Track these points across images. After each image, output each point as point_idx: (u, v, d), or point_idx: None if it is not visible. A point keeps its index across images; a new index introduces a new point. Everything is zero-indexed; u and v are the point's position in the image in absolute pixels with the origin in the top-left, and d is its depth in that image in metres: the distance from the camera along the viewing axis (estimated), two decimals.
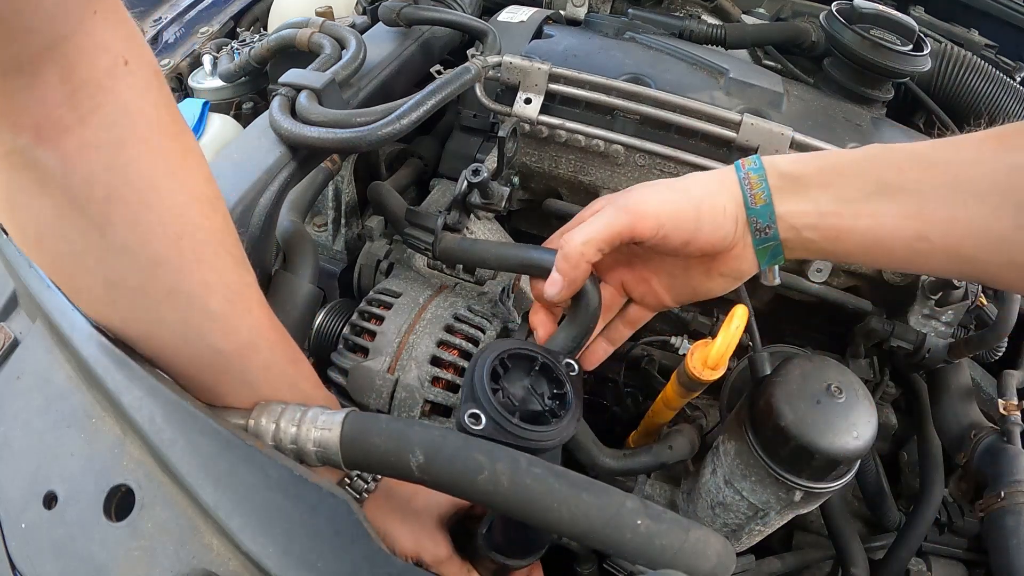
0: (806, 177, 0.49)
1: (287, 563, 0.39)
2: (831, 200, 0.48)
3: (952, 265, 0.47)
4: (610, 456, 0.62)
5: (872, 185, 0.47)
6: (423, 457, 0.42)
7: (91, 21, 0.36)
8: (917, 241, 0.45)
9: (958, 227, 0.44)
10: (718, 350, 0.53)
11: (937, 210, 0.44)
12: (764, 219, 0.49)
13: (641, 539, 0.42)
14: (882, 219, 0.46)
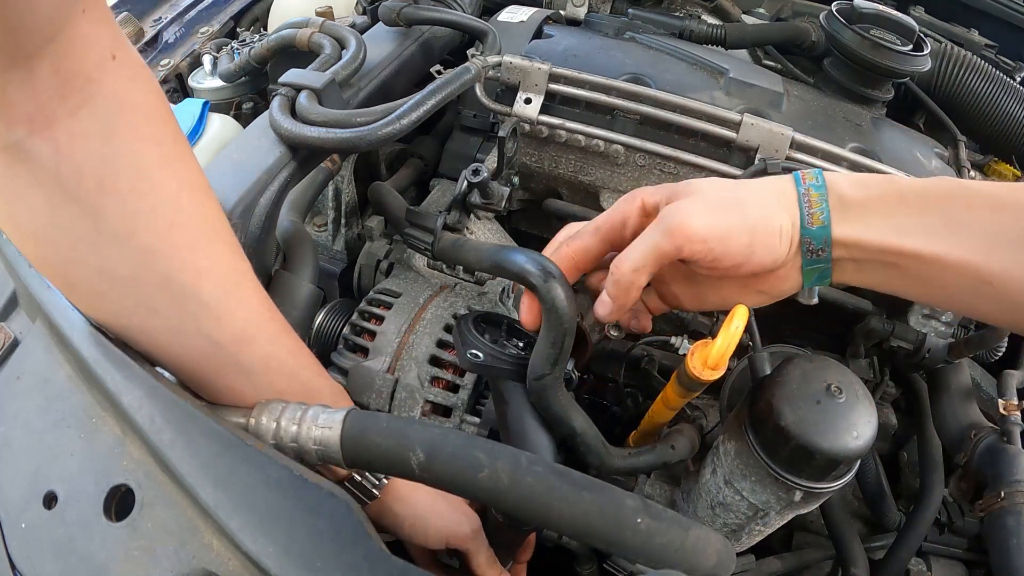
0: (869, 202, 0.46)
1: (287, 563, 0.39)
2: (893, 230, 0.45)
3: (1009, 315, 0.45)
4: (617, 456, 0.62)
5: (939, 220, 0.44)
6: (424, 455, 0.42)
7: (80, 18, 0.37)
8: (980, 285, 0.43)
9: (1021, 273, 0.42)
10: (718, 350, 0.53)
11: (1005, 256, 0.42)
12: (818, 241, 0.47)
13: (641, 538, 0.42)
14: (946, 257, 0.44)
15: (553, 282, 0.54)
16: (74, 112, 0.38)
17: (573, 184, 0.89)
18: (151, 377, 0.45)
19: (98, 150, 0.40)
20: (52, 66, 0.37)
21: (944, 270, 0.44)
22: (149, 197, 0.42)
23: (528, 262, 0.56)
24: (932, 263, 0.44)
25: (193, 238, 0.45)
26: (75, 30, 0.37)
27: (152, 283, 0.44)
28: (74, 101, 0.38)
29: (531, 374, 0.57)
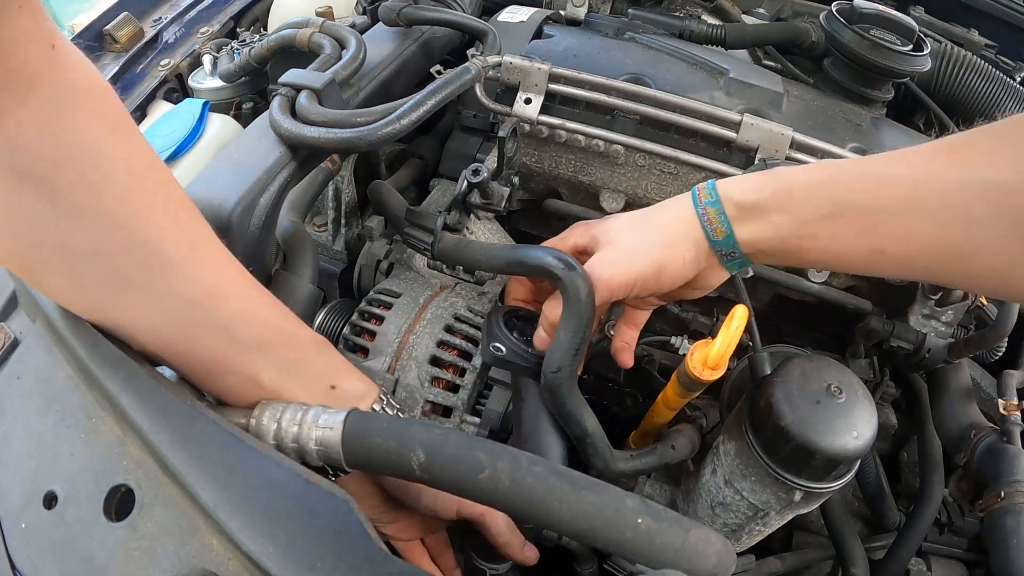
0: (763, 202, 0.52)
1: (287, 563, 0.38)
2: (789, 222, 0.51)
3: (905, 272, 0.51)
4: (620, 459, 0.62)
5: (826, 205, 0.49)
6: (424, 456, 0.42)
7: (19, 15, 0.38)
8: (873, 255, 0.49)
9: (912, 242, 0.47)
10: (718, 350, 0.53)
11: (890, 227, 0.47)
12: (727, 247, 0.54)
13: (642, 538, 0.42)
14: (839, 238, 0.49)
15: (575, 273, 0.55)
16: (20, 102, 0.39)
17: (573, 184, 0.89)
18: (151, 377, 0.45)
19: (49, 131, 0.41)
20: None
21: (842, 249, 0.50)
22: (102, 166, 0.43)
23: (549, 256, 0.57)
24: (829, 242, 0.50)
25: (150, 200, 0.45)
26: (15, 27, 0.38)
27: (117, 251, 0.44)
28: (20, 93, 0.39)
29: (548, 367, 0.56)
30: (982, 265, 0.45)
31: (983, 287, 0.50)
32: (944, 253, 0.46)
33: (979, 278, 0.47)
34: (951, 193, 0.45)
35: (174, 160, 0.86)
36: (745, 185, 0.53)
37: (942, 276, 0.49)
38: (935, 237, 0.46)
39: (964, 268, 0.46)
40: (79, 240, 0.43)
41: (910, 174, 0.47)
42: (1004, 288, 0.47)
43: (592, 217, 0.88)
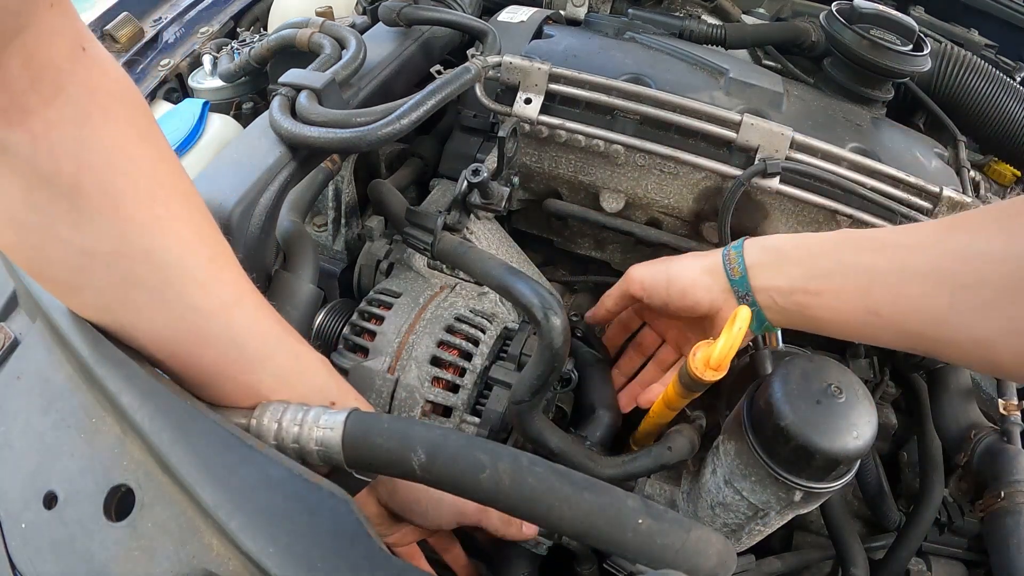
0: (783, 253, 0.57)
1: (287, 563, 0.38)
2: (800, 276, 0.55)
3: (901, 339, 0.52)
4: (608, 465, 0.62)
5: (834, 264, 0.53)
6: (425, 456, 0.42)
7: (48, 12, 0.38)
8: (869, 316, 0.51)
9: (903, 304, 0.49)
10: (721, 351, 0.53)
11: (884, 289, 0.50)
12: (742, 288, 0.58)
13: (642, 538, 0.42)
14: (839, 296, 0.52)
15: (553, 320, 0.57)
16: (48, 102, 0.39)
17: (573, 184, 0.89)
18: (151, 377, 0.45)
19: (74, 134, 0.40)
20: (23, 60, 0.37)
21: (841, 305, 0.53)
22: (128, 172, 0.43)
23: (533, 295, 0.59)
24: (830, 299, 0.53)
25: (174, 210, 0.45)
26: (44, 24, 0.38)
27: (135, 256, 0.44)
28: (47, 92, 0.39)
29: (512, 398, 0.62)
30: (966, 333, 0.47)
31: (969, 358, 0.50)
32: (931, 318, 0.48)
33: (964, 347, 0.48)
34: (940, 259, 0.48)
35: None
36: (767, 244, 0.59)
37: (934, 345, 0.50)
38: (923, 302, 0.48)
39: (950, 336, 0.48)
40: (97, 243, 0.43)
41: (907, 241, 0.50)
42: (988, 359, 0.48)
43: (592, 217, 0.88)
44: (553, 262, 1.02)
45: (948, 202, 0.77)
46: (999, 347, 0.46)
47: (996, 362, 0.47)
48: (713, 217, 0.85)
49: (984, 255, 0.45)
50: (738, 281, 0.58)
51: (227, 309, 0.47)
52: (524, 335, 0.71)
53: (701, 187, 0.83)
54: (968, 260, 0.46)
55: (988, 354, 0.47)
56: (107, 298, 0.46)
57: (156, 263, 0.44)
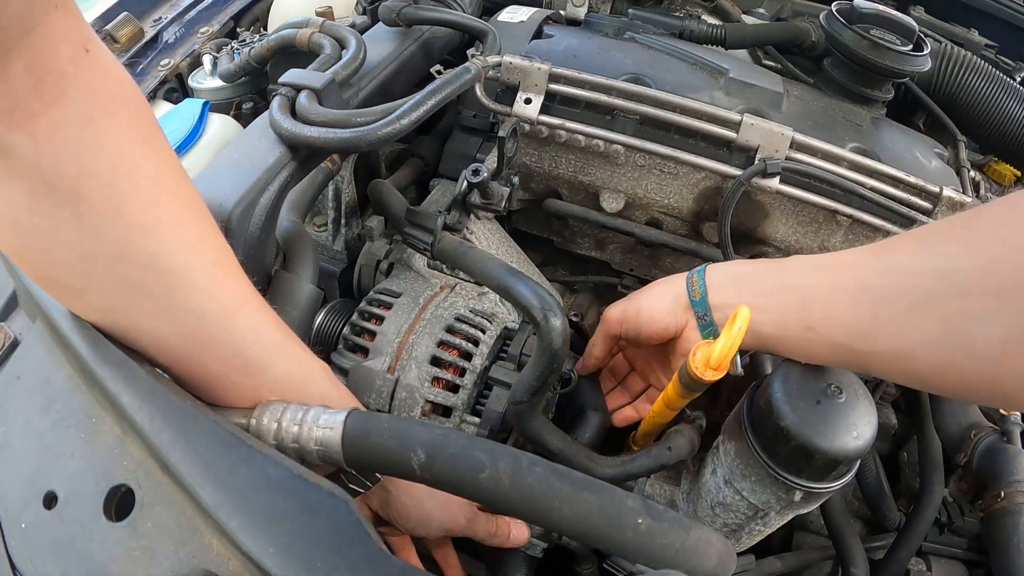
0: (738, 274, 0.60)
1: (287, 563, 0.38)
2: (749, 293, 0.57)
3: (835, 354, 0.53)
4: (607, 465, 0.62)
5: (777, 283, 0.56)
6: (425, 456, 0.42)
7: (53, 14, 0.38)
8: (806, 331, 0.53)
9: (833, 322, 0.51)
10: (721, 351, 0.53)
11: (818, 306, 0.52)
12: (702, 308, 0.61)
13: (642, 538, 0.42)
14: (781, 310, 0.54)
15: (552, 320, 0.57)
16: (51, 105, 0.39)
17: (573, 184, 0.89)
18: (151, 377, 0.45)
19: (77, 136, 0.40)
20: (26, 63, 0.37)
21: (781, 321, 0.54)
22: (132, 176, 0.42)
23: (532, 296, 0.59)
24: (772, 315, 0.55)
25: (178, 214, 0.45)
26: (48, 26, 0.37)
27: (138, 261, 0.43)
28: (51, 95, 0.39)
29: (511, 398, 0.62)
30: (888, 345, 0.48)
31: (894, 371, 0.51)
32: (858, 332, 0.50)
33: (888, 360, 0.49)
34: (867, 275, 0.50)
35: None
36: (731, 264, 0.63)
37: (864, 359, 0.51)
38: (850, 317, 0.50)
39: (876, 349, 0.49)
40: (100, 247, 0.42)
41: (844, 260, 0.53)
42: (909, 370, 0.49)
43: (592, 217, 0.88)
44: (553, 262, 1.02)
45: (948, 202, 0.77)
46: (917, 358, 0.47)
47: (917, 373, 0.49)
48: (713, 217, 0.85)
49: (902, 270, 0.47)
50: (698, 302, 0.61)
51: (230, 314, 0.47)
52: (524, 335, 0.71)
53: (701, 187, 0.83)
54: (888, 275, 0.48)
55: (909, 365, 0.48)
56: (110, 301, 0.46)
57: (159, 267, 0.44)
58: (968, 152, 1.00)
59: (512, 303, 0.62)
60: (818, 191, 0.78)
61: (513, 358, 0.70)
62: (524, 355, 0.70)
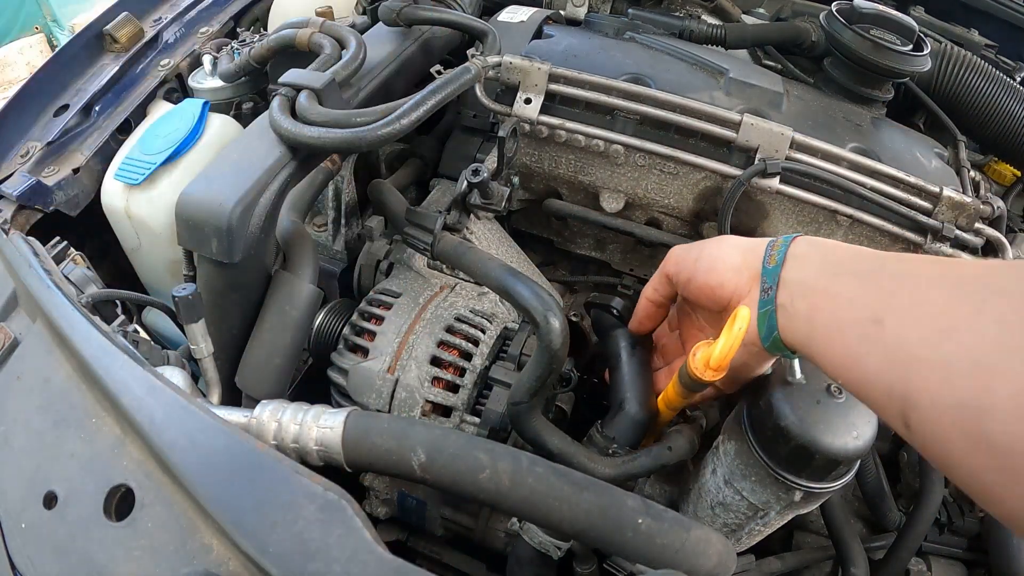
0: (829, 248, 0.50)
1: (287, 563, 0.38)
2: (831, 270, 0.48)
3: (885, 366, 0.41)
4: (607, 464, 0.62)
5: (872, 267, 0.46)
6: (425, 456, 0.42)
7: None
8: (872, 324, 0.42)
9: (919, 307, 0.40)
10: (720, 352, 0.53)
11: (909, 286, 0.42)
12: (769, 279, 0.51)
13: (642, 538, 0.42)
14: (852, 295, 0.45)
15: (552, 321, 0.56)
16: None
17: (573, 184, 0.89)
18: (151, 377, 0.45)
19: None
20: None
21: (846, 307, 0.45)
22: None
23: (531, 296, 0.59)
24: (842, 301, 0.45)
25: None
26: None
27: None
28: None
29: (510, 399, 0.61)
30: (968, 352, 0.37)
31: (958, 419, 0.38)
32: (941, 331, 0.39)
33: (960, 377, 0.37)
34: (986, 270, 0.40)
35: (174, 160, 0.86)
36: (832, 243, 0.52)
37: (919, 382, 0.39)
38: (942, 306, 0.39)
39: (944, 358, 0.38)
40: None
41: (961, 260, 0.44)
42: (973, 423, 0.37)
43: (592, 217, 0.88)
44: (553, 262, 1.02)
45: (948, 202, 0.77)
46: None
47: (983, 429, 0.36)
48: (713, 217, 0.85)
49: None
50: (769, 271, 0.51)
51: None
52: (524, 335, 0.71)
53: (701, 187, 0.83)
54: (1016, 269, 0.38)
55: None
56: None
57: None
58: (968, 152, 1.00)
59: (512, 303, 0.62)
60: (818, 191, 0.78)
61: (513, 358, 0.70)
62: (524, 355, 0.70)
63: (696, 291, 0.58)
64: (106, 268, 0.98)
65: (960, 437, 0.36)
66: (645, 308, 0.66)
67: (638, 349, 0.68)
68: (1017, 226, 1.07)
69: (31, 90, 0.93)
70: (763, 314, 0.51)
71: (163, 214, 0.84)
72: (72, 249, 0.78)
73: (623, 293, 0.86)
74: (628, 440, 0.65)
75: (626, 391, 0.66)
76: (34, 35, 4.11)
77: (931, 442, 0.39)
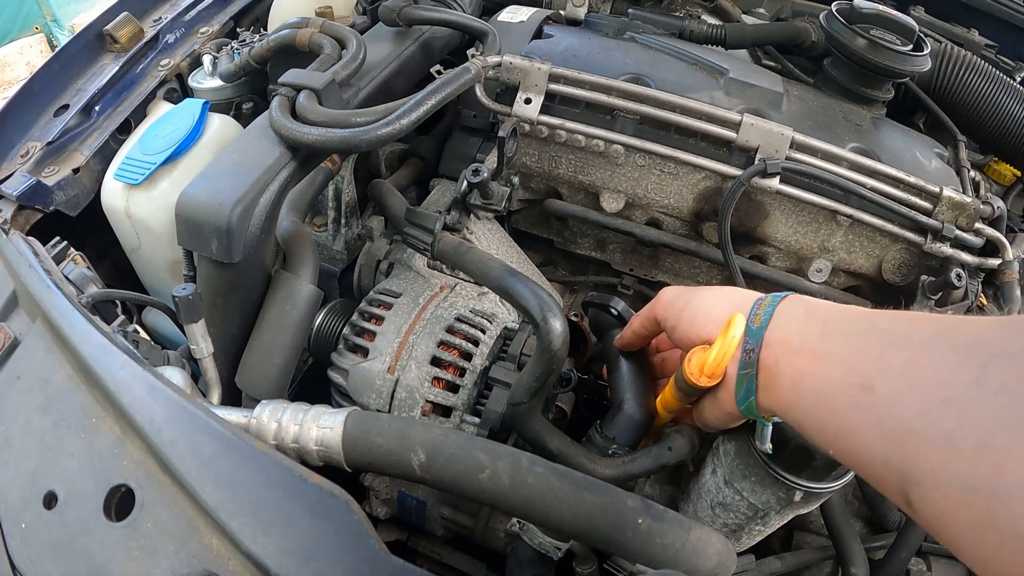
0: (815, 308, 0.47)
1: (287, 563, 0.39)
2: (816, 332, 0.45)
3: (879, 442, 0.38)
4: (607, 465, 0.62)
5: (861, 328, 0.43)
6: (425, 456, 0.42)
7: None
8: (861, 392, 0.39)
9: (913, 373, 0.37)
10: (715, 358, 0.52)
11: (900, 352, 0.39)
12: (752, 340, 0.49)
13: (642, 538, 0.42)
14: (841, 359, 0.42)
15: (552, 321, 0.56)
16: None
17: (573, 184, 0.89)
18: (151, 377, 0.45)
19: None
20: None
21: (837, 373, 0.42)
22: None
23: (531, 296, 0.58)
24: (830, 364, 0.42)
25: None
26: None
27: None
28: None
29: (510, 399, 0.61)
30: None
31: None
32: (941, 401, 0.35)
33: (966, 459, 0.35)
34: (984, 330, 0.37)
35: (174, 160, 0.86)
36: (820, 302, 0.49)
37: (920, 462, 0.37)
38: (943, 372, 0.36)
39: (944, 434, 0.35)
40: None
41: (957, 317, 0.39)
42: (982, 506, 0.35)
43: (592, 217, 0.88)
44: (553, 262, 1.02)
45: (948, 202, 0.77)
46: None
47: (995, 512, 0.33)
48: (713, 217, 0.85)
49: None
50: (753, 331, 0.49)
51: None
52: (524, 335, 0.71)
53: (701, 187, 0.83)
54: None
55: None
56: None
57: None
58: (968, 152, 1.00)
59: (512, 304, 0.62)
60: (818, 191, 0.78)
61: (513, 358, 0.70)
62: (524, 355, 0.70)
63: (680, 339, 0.57)
64: (106, 268, 0.98)
65: (969, 522, 0.34)
66: (631, 337, 0.66)
67: (637, 349, 0.68)
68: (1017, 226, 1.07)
69: (31, 90, 0.93)
70: (742, 376, 0.49)
71: (163, 214, 0.84)
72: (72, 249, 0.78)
73: (623, 293, 0.86)
74: (627, 440, 0.65)
75: (625, 391, 0.66)
76: (34, 35, 4.11)
77: (937, 524, 0.36)
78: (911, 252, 0.81)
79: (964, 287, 0.76)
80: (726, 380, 0.52)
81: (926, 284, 0.78)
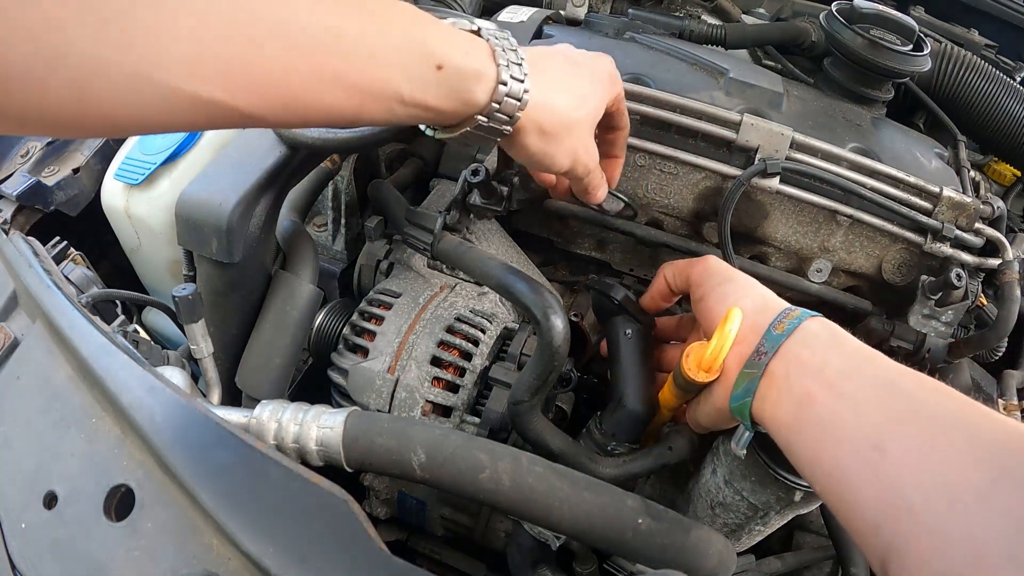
0: (840, 339, 0.47)
1: (287, 563, 0.39)
2: (837, 367, 0.44)
3: (890, 492, 0.37)
4: (608, 465, 0.62)
5: (878, 378, 0.43)
6: (425, 456, 0.42)
7: None
8: (872, 451, 0.39)
9: (919, 453, 0.37)
10: (712, 353, 0.52)
11: (915, 420, 0.39)
12: (768, 344, 0.48)
13: (642, 538, 0.42)
14: (857, 403, 0.41)
15: (552, 319, 0.56)
16: None
17: None
18: (151, 377, 0.45)
19: None
20: None
21: (853, 418, 0.41)
22: None
23: (532, 295, 0.58)
24: (844, 404, 0.42)
25: None
26: None
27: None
28: None
29: (510, 398, 0.61)
30: None
31: None
32: (952, 498, 0.36)
33: None
34: (976, 427, 0.37)
35: (174, 160, 0.86)
36: (846, 334, 0.49)
37: (902, 542, 0.37)
38: (953, 466, 0.36)
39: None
40: None
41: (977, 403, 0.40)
42: None
43: (592, 217, 0.88)
44: (553, 262, 1.02)
45: (948, 202, 0.77)
46: None
47: None
48: (713, 217, 0.85)
49: None
50: (773, 336, 0.48)
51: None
52: (524, 335, 0.71)
53: (701, 187, 0.83)
54: None
55: None
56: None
57: None
58: (968, 152, 1.00)
59: (512, 303, 0.62)
60: (818, 191, 0.78)
61: (513, 358, 0.70)
62: (524, 355, 0.70)
63: (703, 310, 0.56)
64: (106, 268, 0.98)
65: None
66: (660, 289, 0.64)
67: (639, 339, 0.66)
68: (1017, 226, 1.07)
69: None
70: (745, 374, 0.48)
71: (163, 214, 0.85)
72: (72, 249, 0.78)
73: (625, 286, 0.86)
74: (627, 435, 0.64)
75: (625, 385, 0.65)
76: None
77: None
78: (911, 252, 0.81)
79: (964, 287, 0.76)
80: (725, 376, 0.51)
81: (926, 284, 0.78)
